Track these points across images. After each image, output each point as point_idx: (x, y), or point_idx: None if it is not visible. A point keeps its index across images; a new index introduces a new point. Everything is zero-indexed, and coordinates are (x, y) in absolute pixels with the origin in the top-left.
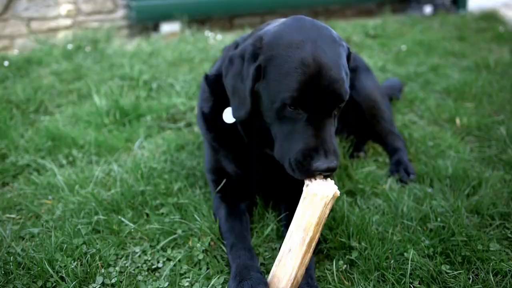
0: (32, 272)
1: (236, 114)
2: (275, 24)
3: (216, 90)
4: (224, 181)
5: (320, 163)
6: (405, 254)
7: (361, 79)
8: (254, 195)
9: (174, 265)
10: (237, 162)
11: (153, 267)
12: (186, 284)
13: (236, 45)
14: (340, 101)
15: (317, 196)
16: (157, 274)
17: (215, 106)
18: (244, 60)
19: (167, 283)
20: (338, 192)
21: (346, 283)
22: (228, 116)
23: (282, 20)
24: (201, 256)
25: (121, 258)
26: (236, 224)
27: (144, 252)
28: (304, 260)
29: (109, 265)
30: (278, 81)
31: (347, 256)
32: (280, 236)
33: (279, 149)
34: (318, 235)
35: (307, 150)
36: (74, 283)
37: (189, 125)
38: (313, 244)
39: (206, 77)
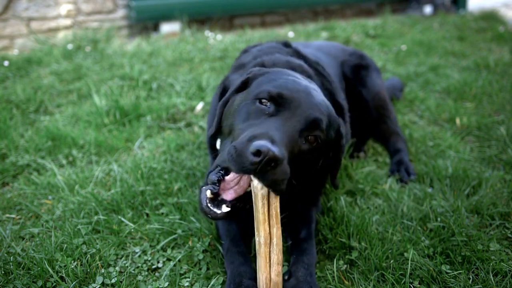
0: (32, 272)
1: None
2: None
3: None
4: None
5: (261, 142)
6: (405, 254)
7: (373, 77)
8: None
9: (174, 265)
10: None
11: (153, 267)
12: (186, 284)
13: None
14: (314, 126)
15: (258, 191)
16: (157, 274)
17: None
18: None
19: (167, 283)
20: None
21: (346, 283)
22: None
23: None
24: (201, 256)
25: (121, 258)
26: (232, 227)
27: (144, 252)
28: (271, 259)
29: (109, 265)
30: (257, 86)
31: (347, 256)
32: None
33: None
34: (274, 230)
35: (253, 135)
36: (74, 283)
37: (189, 125)
38: (275, 241)
39: None
